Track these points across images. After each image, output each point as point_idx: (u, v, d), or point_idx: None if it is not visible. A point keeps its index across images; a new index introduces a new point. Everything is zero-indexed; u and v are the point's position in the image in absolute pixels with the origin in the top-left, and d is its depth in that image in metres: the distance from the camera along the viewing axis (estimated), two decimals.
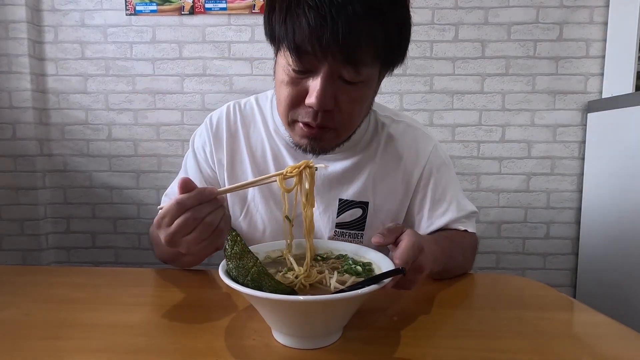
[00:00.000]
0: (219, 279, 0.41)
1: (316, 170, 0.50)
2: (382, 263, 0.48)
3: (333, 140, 0.62)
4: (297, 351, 0.42)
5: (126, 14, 1.63)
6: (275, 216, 0.71)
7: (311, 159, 0.57)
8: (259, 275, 0.40)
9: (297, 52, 0.51)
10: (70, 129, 1.69)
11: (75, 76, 1.67)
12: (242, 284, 0.40)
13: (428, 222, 0.72)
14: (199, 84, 1.66)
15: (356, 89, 0.56)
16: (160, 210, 0.48)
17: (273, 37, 0.55)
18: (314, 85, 0.53)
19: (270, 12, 0.54)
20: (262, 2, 1.60)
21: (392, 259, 0.48)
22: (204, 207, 0.48)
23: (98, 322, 0.49)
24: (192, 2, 1.61)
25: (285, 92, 0.56)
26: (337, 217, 0.70)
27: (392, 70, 0.60)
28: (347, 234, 0.71)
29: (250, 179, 0.69)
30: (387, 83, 1.60)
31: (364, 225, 0.71)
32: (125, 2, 1.62)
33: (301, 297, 0.37)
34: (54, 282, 0.64)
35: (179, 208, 0.46)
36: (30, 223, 1.67)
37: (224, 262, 0.44)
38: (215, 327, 0.47)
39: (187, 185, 0.48)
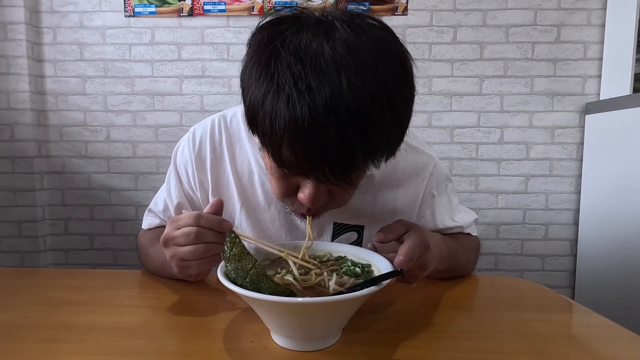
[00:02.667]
0: (218, 281, 0.41)
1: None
2: (381, 264, 0.48)
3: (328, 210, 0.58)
4: (295, 353, 0.42)
5: (125, 16, 1.63)
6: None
7: None
8: (258, 277, 0.40)
9: (284, 165, 0.44)
10: (68, 130, 1.69)
11: (74, 78, 1.67)
12: (241, 286, 0.40)
13: None
14: (197, 86, 1.66)
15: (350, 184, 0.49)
16: (184, 212, 0.50)
17: (255, 130, 0.46)
18: (306, 184, 0.48)
19: (253, 111, 0.44)
20: (261, 4, 1.60)
21: (396, 254, 0.49)
22: (211, 234, 0.48)
23: (96, 325, 0.49)
24: (191, 3, 1.61)
25: (275, 183, 0.52)
26: (331, 241, 0.68)
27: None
28: None
29: (237, 204, 0.68)
30: None
31: None
32: (124, 3, 1.62)
33: (300, 299, 0.37)
34: (52, 284, 0.64)
35: (195, 220, 0.48)
36: (28, 225, 1.66)
37: (222, 263, 0.44)
38: (214, 329, 0.47)
39: (217, 207, 0.49)
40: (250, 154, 0.67)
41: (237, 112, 0.70)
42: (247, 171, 0.67)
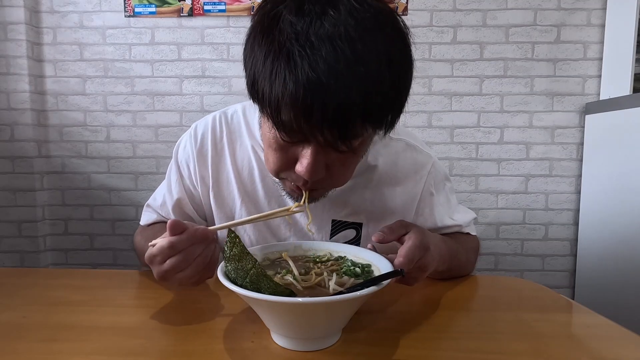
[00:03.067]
0: (218, 281, 0.41)
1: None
2: (381, 264, 0.48)
3: (324, 193, 0.58)
4: (295, 353, 0.42)
5: (125, 16, 1.63)
6: (262, 235, 0.70)
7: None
8: (258, 277, 0.40)
9: (284, 129, 0.44)
10: (68, 130, 1.69)
11: (74, 78, 1.67)
12: (241, 286, 0.40)
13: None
14: (197, 86, 1.66)
15: (349, 155, 0.49)
16: (150, 248, 0.48)
17: (258, 101, 0.46)
18: (305, 154, 0.47)
19: (254, 77, 0.44)
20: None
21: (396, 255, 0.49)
22: (197, 247, 0.48)
23: (95, 325, 0.49)
24: (191, 3, 1.61)
25: (273, 156, 0.51)
26: (330, 239, 0.68)
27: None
28: None
29: (237, 199, 0.68)
30: None
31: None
32: (124, 3, 1.62)
33: (300, 299, 0.37)
34: (52, 284, 0.64)
35: (171, 251, 0.47)
36: (28, 225, 1.66)
37: (222, 263, 0.44)
38: (214, 330, 0.47)
39: (177, 227, 0.47)
40: (250, 149, 0.68)
41: (237, 109, 0.71)
42: (248, 167, 0.68)
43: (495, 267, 1.70)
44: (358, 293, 0.37)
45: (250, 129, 0.68)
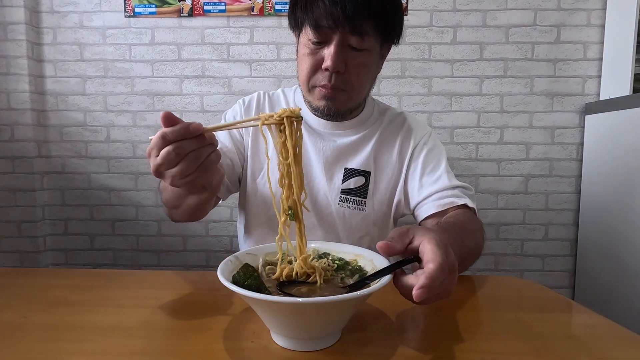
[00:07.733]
0: (218, 281, 0.41)
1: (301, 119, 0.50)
2: (381, 264, 0.48)
3: (345, 102, 0.74)
4: (295, 353, 0.42)
5: (125, 16, 1.63)
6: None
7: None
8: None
9: (316, 27, 0.67)
10: (68, 130, 1.69)
11: (74, 78, 1.67)
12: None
13: (419, 190, 0.79)
14: (197, 86, 1.66)
15: (361, 56, 0.70)
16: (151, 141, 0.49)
17: (297, 22, 0.72)
18: (329, 52, 0.68)
19: (294, 6, 0.71)
20: (261, 4, 1.60)
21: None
22: (189, 142, 0.46)
23: (96, 325, 0.49)
24: (191, 4, 1.61)
25: (306, 62, 0.71)
26: (342, 184, 0.80)
27: (390, 45, 0.76)
28: (352, 199, 0.80)
29: (271, 146, 0.80)
30: (386, 85, 1.61)
31: (367, 194, 0.80)
32: (124, 3, 1.62)
33: (300, 299, 0.37)
34: (52, 285, 0.64)
35: (163, 141, 0.46)
36: (28, 225, 1.66)
37: (222, 263, 0.44)
38: (214, 330, 0.47)
39: (169, 120, 0.46)
40: (285, 106, 0.84)
41: (278, 90, 0.89)
42: None
43: (495, 267, 1.70)
44: (358, 293, 0.37)
45: (286, 97, 0.87)
